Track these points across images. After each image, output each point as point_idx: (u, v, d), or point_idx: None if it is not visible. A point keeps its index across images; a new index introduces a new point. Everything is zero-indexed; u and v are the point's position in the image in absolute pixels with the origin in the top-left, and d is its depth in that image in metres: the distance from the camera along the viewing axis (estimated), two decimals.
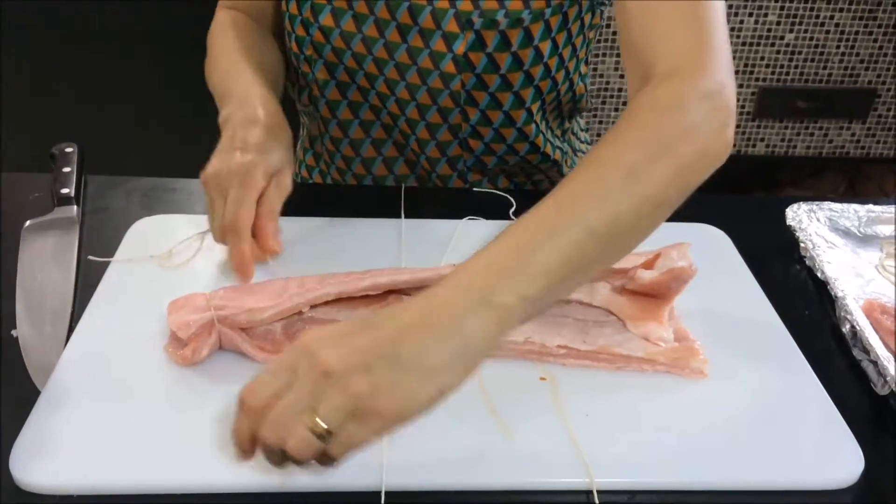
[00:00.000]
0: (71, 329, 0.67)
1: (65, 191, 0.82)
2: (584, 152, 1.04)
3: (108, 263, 0.73)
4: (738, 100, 1.98)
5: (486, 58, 0.83)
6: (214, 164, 0.72)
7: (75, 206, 0.81)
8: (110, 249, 0.75)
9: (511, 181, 0.97)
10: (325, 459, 0.49)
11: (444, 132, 0.90)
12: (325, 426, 0.47)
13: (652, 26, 0.67)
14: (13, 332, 0.66)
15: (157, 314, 0.66)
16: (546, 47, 0.84)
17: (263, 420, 0.48)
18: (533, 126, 0.90)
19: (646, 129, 0.61)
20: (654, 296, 0.67)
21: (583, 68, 0.92)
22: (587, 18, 0.87)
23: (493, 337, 0.52)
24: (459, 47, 0.82)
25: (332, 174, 0.98)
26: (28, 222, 0.78)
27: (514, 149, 0.91)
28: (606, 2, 0.88)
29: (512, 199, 0.85)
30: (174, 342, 0.63)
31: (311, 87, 0.91)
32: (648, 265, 0.67)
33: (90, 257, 0.74)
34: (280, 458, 0.49)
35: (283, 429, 0.48)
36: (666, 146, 0.60)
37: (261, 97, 0.78)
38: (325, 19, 0.85)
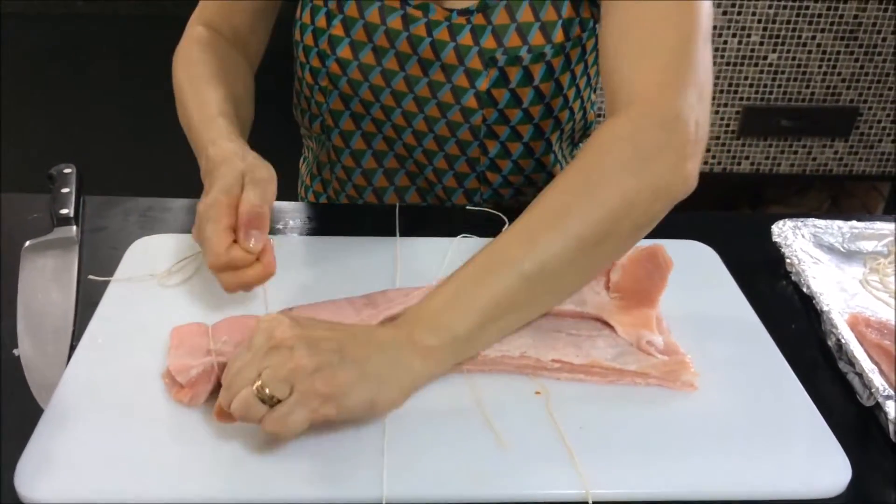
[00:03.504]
0: (72, 347, 0.67)
1: (64, 211, 0.83)
2: None
3: (107, 283, 0.74)
4: (723, 119, 2.02)
5: (508, 93, 0.84)
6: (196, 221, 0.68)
7: (74, 226, 0.82)
8: (110, 269, 0.76)
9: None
10: (269, 429, 0.55)
11: (461, 164, 0.90)
12: (267, 390, 0.54)
13: (624, 52, 0.67)
14: (15, 352, 0.67)
15: (157, 333, 0.67)
16: (566, 79, 0.85)
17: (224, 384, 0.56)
18: (551, 156, 0.91)
19: (585, 167, 0.62)
20: (639, 297, 0.69)
21: (593, 96, 0.94)
22: None
23: (421, 370, 0.60)
24: (482, 84, 0.83)
25: (341, 202, 0.98)
26: (28, 242, 0.79)
27: (532, 179, 0.92)
28: None
29: (504, 217, 0.87)
30: (173, 378, 0.62)
31: (324, 117, 0.91)
32: None
33: (90, 277, 0.75)
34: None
35: (232, 389, 0.55)
36: (603, 183, 0.60)
37: (232, 150, 0.71)
38: (343, 52, 0.85)
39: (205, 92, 0.79)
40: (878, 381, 0.64)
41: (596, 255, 0.63)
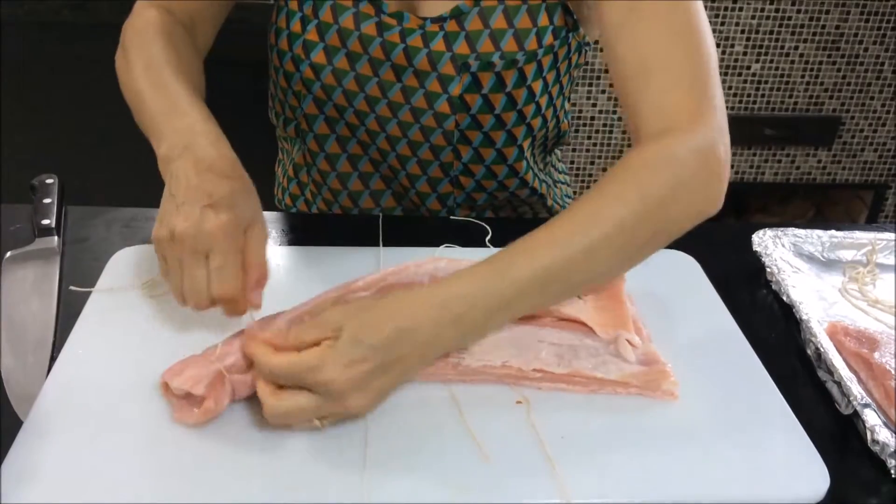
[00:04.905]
0: (53, 359, 0.67)
1: (45, 222, 0.82)
2: (563, 183, 1.06)
3: (89, 294, 0.74)
4: None
5: (481, 99, 0.84)
6: (179, 221, 0.63)
7: (56, 237, 0.81)
8: (91, 279, 0.76)
9: (497, 215, 0.98)
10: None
11: (435, 168, 0.91)
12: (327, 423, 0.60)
13: (647, 85, 0.69)
14: None
15: (138, 344, 0.67)
16: (538, 86, 0.86)
17: (270, 406, 0.58)
18: (524, 162, 0.92)
19: (634, 186, 0.64)
20: (606, 294, 0.71)
21: (567, 105, 0.95)
22: (574, 58, 0.89)
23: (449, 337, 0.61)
24: (455, 89, 0.84)
25: (318, 204, 0.99)
26: (9, 254, 0.79)
27: (504, 185, 0.93)
28: (591, 43, 0.90)
29: (487, 227, 0.87)
30: (184, 406, 0.60)
31: (298, 121, 0.92)
32: None
33: (72, 287, 0.75)
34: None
35: (288, 421, 0.59)
36: (654, 205, 0.63)
37: (209, 135, 0.69)
38: (317, 57, 0.85)
39: (177, 93, 0.73)
40: (856, 390, 0.65)
41: (632, 265, 0.67)
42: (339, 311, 0.60)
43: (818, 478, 0.59)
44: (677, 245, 0.84)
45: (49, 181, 0.88)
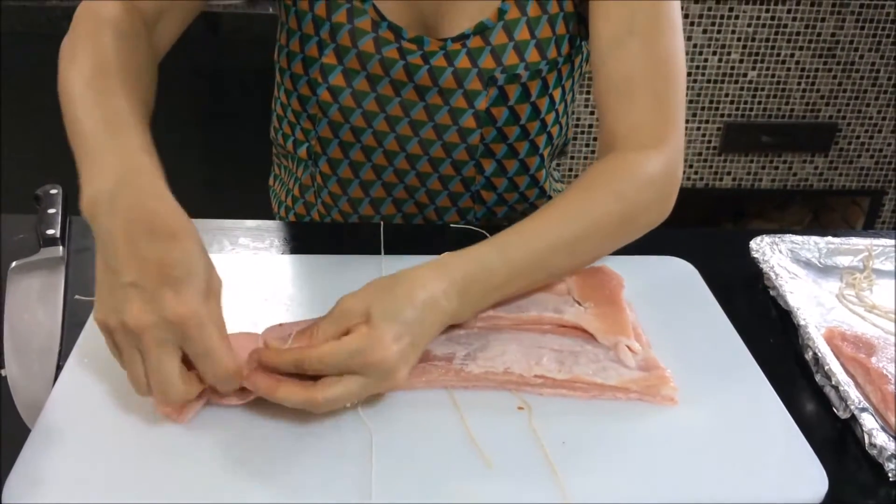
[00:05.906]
0: (59, 367, 0.68)
1: (50, 231, 0.83)
2: (558, 191, 1.07)
3: (94, 302, 0.74)
4: (704, 135, 2.05)
5: (507, 111, 0.86)
6: (132, 310, 0.54)
7: (61, 247, 0.82)
8: None
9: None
10: None
11: (456, 184, 0.92)
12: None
13: (629, 102, 0.77)
14: (1, 372, 0.67)
15: None
16: (558, 94, 0.88)
17: (321, 397, 0.59)
18: (543, 171, 0.93)
19: (617, 194, 0.73)
20: (606, 300, 0.73)
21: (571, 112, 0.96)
22: (585, 66, 0.91)
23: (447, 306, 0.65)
24: (482, 103, 0.85)
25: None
26: (14, 263, 0.79)
27: (525, 195, 0.94)
28: None
29: (488, 235, 0.87)
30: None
31: (311, 144, 0.92)
32: None
33: (77, 297, 0.76)
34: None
35: (335, 407, 0.60)
36: (630, 213, 0.73)
37: (141, 175, 0.60)
38: (336, 79, 0.85)
39: (127, 122, 0.65)
40: (853, 394, 0.66)
41: (594, 260, 0.76)
42: (354, 298, 0.62)
43: (817, 481, 0.60)
44: (675, 251, 0.86)
45: (53, 191, 0.89)
